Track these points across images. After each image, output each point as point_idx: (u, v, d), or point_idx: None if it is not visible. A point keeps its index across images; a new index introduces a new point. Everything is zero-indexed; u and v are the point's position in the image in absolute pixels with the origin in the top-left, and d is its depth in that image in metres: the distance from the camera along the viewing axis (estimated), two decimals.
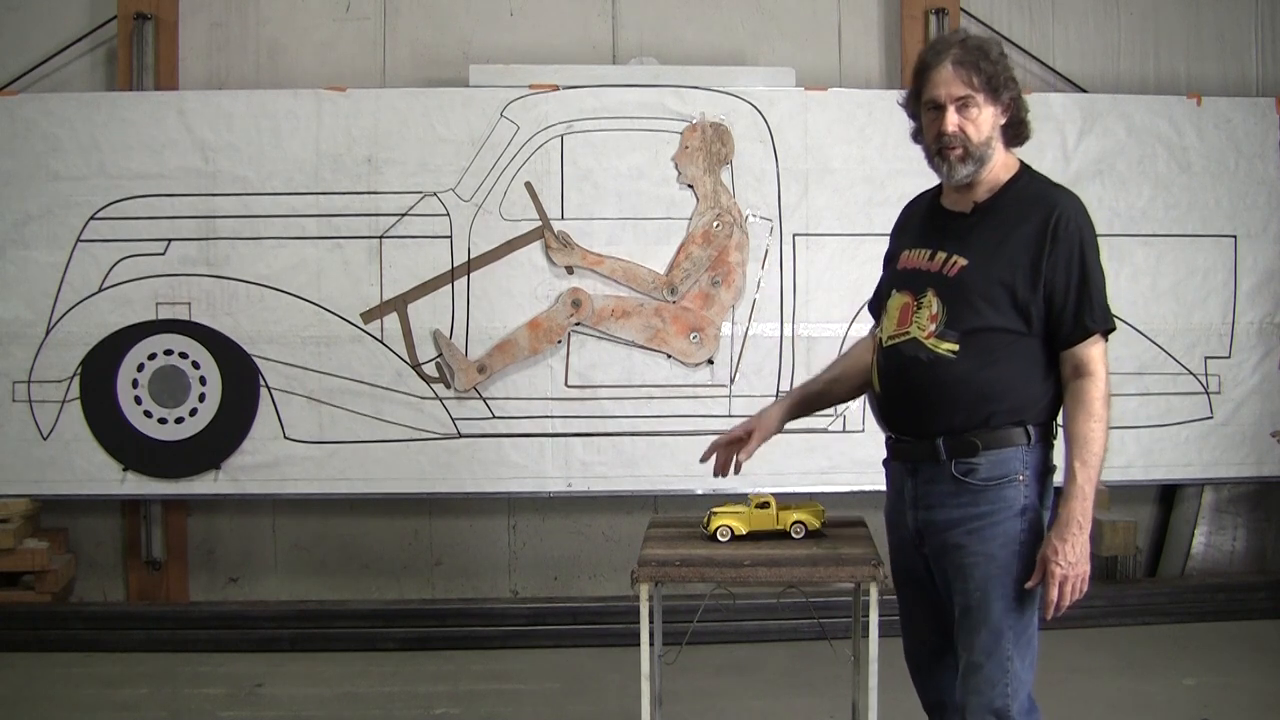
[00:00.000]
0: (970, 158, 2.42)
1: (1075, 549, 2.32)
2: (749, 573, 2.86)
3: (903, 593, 2.66)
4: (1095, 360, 2.38)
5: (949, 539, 2.43)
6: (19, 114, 4.83)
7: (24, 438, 4.85)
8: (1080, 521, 2.33)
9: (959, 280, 2.41)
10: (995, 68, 2.41)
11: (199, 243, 4.86)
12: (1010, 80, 2.44)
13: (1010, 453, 2.40)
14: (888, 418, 2.59)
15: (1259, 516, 5.39)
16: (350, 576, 5.23)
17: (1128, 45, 5.43)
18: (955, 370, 2.40)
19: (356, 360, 4.90)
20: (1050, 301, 2.38)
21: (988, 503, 2.40)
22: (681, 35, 5.28)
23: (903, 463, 2.55)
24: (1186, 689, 4.20)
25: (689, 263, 4.95)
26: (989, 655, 2.39)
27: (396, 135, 4.88)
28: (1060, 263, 2.36)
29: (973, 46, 2.42)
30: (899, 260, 2.59)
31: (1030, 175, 2.51)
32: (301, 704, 4.21)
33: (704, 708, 4.11)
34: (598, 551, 5.29)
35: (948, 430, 2.42)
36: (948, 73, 2.41)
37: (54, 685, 4.36)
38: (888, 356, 2.53)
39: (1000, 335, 2.39)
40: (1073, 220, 2.38)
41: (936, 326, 2.42)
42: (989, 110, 2.42)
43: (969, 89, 2.40)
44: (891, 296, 2.55)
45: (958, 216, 2.50)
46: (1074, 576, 2.33)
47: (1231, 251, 5.11)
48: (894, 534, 2.64)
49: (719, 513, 3.06)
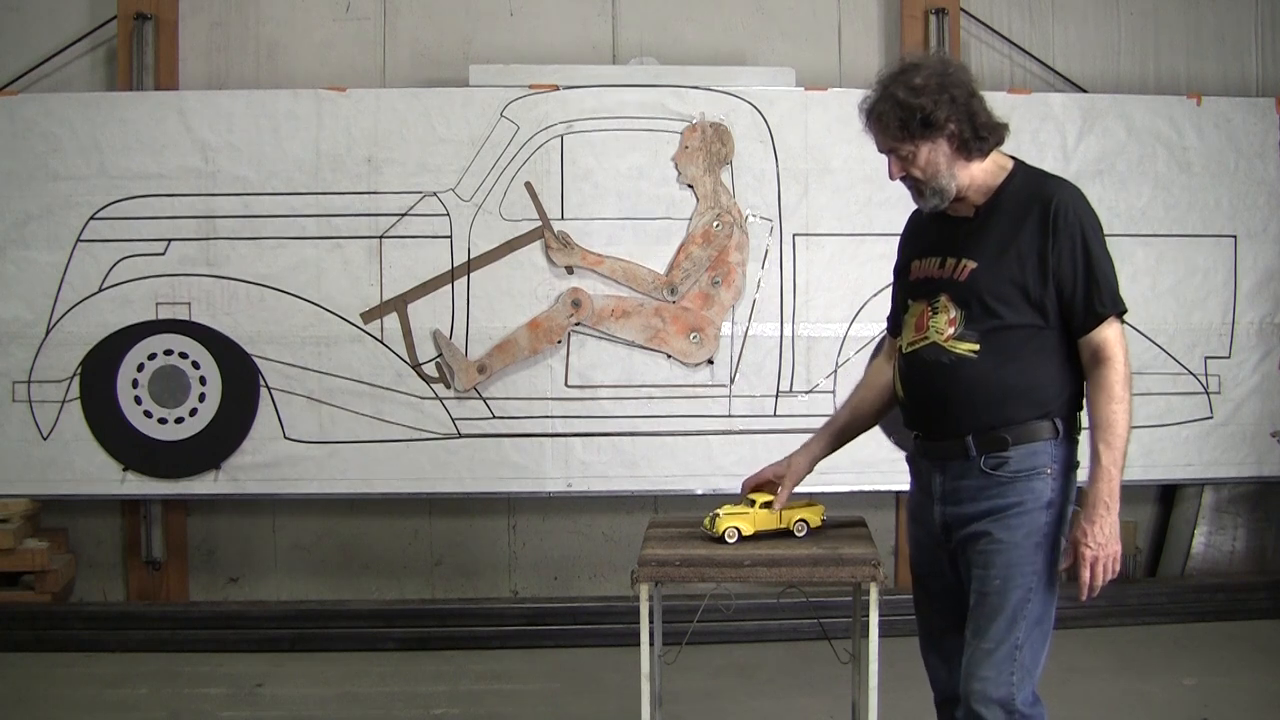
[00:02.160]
0: (929, 190, 2.45)
1: (1105, 529, 2.35)
2: (749, 573, 2.86)
3: (923, 586, 2.68)
4: (1111, 344, 2.39)
5: (976, 527, 2.45)
6: (19, 114, 4.83)
7: (24, 438, 4.84)
8: (1107, 502, 2.35)
9: (970, 283, 2.44)
10: (910, 109, 2.35)
11: (199, 243, 4.86)
12: (942, 104, 2.36)
13: (1039, 446, 2.42)
14: (915, 422, 2.60)
15: (1259, 516, 5.39)
16: (350, 576, 5.23)
17: (1128, 45, 5.43)
18: (977, 369, 2.42)
19: (356, 360, 4.90)
20: (1060, 292, 2.39)
21: (1015, 494, 2.42)
22: (681, 35, 5.28)
23: (931, 460, 2.56)
24: (1186, 689, 4.20)
25: (689, 263, 4.95)
26: (999, 643, 2.40)
27: (396, 135, 4.88)
28: (1064, 253, 2.38)
29: (888, 95, 2.39)
30: (910, 271, 2.61)
31: (1025, 171, 2.51)
32: (301, 704, 4.21)
33: (704, 708, 4.11)
34: (598, 551, 5.29)
35: (976, 428, 2.44)
36: (874, 131, 2.46)
37: (54, 685, 4.35)
38: (909, 363, 2.55)
39: (1018, 331, 2.41)
40: (1070, 209, 2.40)
41: (955, 329, 2.45)
42: (925, 148, 2.41)
43: (892, 141, 2.42)
44: (909, 307, 2.58)
45: (961, 221, 2.52)
46: (1105, 556, 2.35)
47: (1231, 251, 5.11)
48: (917, 528, 2.66)
49: (725, 514, 3.06)
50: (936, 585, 2.63)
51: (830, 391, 4.97)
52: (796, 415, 4.97)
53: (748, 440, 4.97)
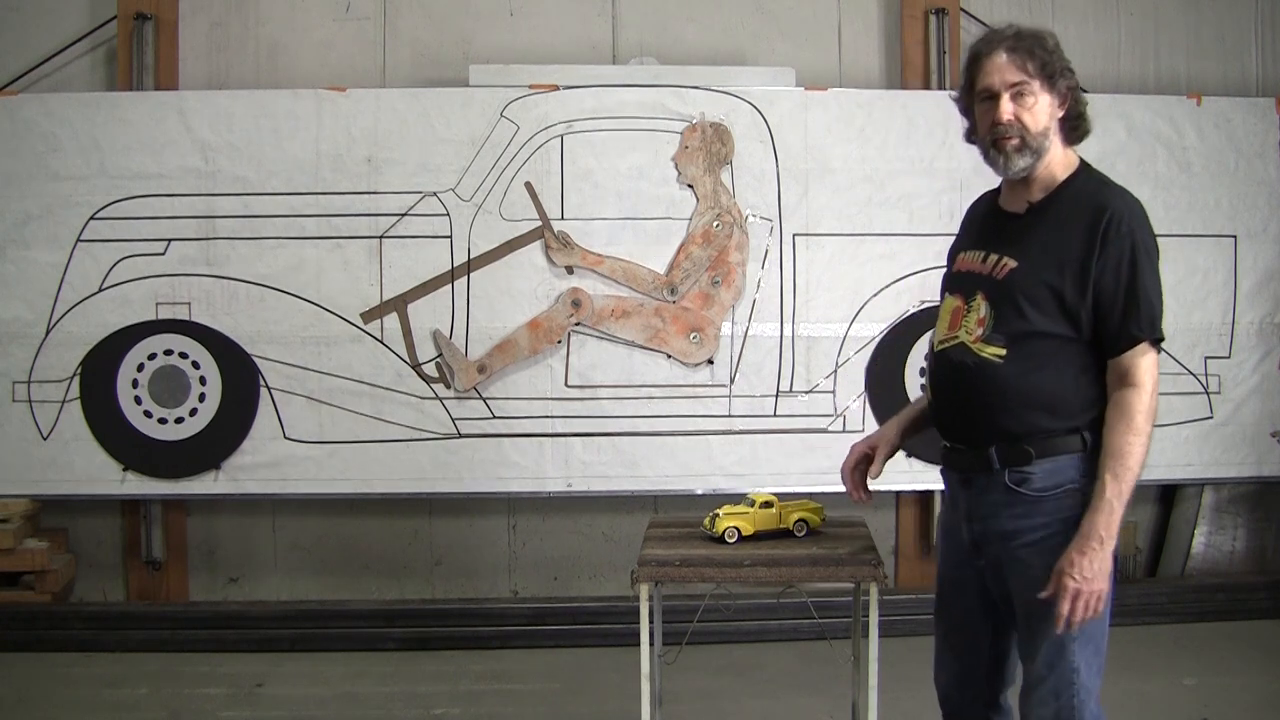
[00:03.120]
0: (1027, 148, 2.33)
1: (1094, 564, 2.23)
2: (749, 573, 2.86)
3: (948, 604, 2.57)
4: (1142, 371, 2.27)
5: (1009, 552, 2.35)
6: (19, 114, 4.83)
7: (24, 438, 4.84)
8: (1102, 536, 2.24)
9: (1006, 283, 2.34)
10: (1051, 55, 2.33)
11: (199, 243, 4.86)
12: (1067, 69, 2.36)
13: (1065, 461, 2.31)
14: (941, 424, 2.52)
15: (1259, 516, 5.39)
16: (350, 576, 5.23)
17: (1128, 45, 5.43)
18: (1001, 375, 2.32)
19: (356, 360, 4.90)
20: (1098, 306, 2.28)
21: (1042, 514, 2.32)
22: (681, 35, 5.28)
23: (957, 473, 2.47)
24: (1186, 689, 4.20)
25: (689, 263, 4.95)
26: (1052, 667, 2.33)
27: (396, 135, 4.88)
28: (1109, 266, 2.26)
29: (1027, 34, 2.35)
30: (955, 262, 2.52)
31: (1088, 174, 2.41)
32: (301, 704, 4.21)
33: (704, 708, 4.11)
34: (598, 551, 5.29)
35: (999, 438, 2.34)
36: (1001, 60, 2.33)
37: (54, 685, 4.35)
38: (938, 362, 2.47)
39: (1047, 340, 2.31)
40: (1125, 222, 2.28)
41: (983, 330, 2.35)
42: (1045, 99, 2.33)
43: (1023, 75, 2.32)
44: (944, 300, 2.50)
45: (1012, 217, 2.42)
46: (1089, 593, 2.23)
47: (1231, 251, 5.11)
48: (947, 542, 2.56)
49: (724, 514, 3.06)
50: (957, 608, 2.53)
51: (830, 392, 4.97)
52: (796, 415, 4.97)
53: (748, 440, 4.97)
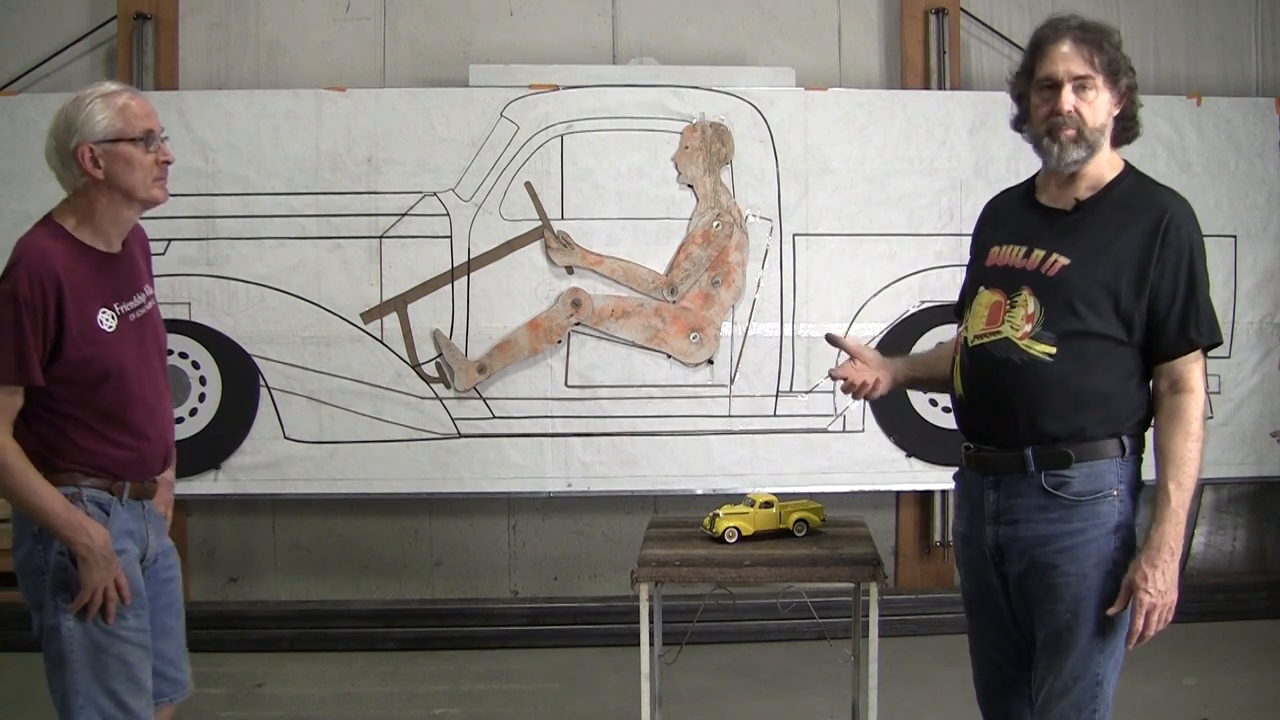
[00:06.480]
0: (1083, 141, 2.30)
1: (1166, 576, 2.20)
2: (749, 573, 2.87)
3: (974, 616, 2.50)
4: (1195, 376, 2.25)
5: (1038, 557, 2.28)
6: (19, 114, 4.82)
7: None
8: (1173, 547, 2.21)
9: (1059, 280, 2.27)
10: (1116, 52, 2.31)
11: (199, 243, 4.86)
12: (1129, 69, 2.33)
13: (1105, 465, 2.26)
14: (971, 424, 2.42)
15: (1259, 516, 5.39)
16: (350, 576, 5.23)
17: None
18: (1052, 374, 2.25)
19: (356, 360, 4.90)
20: (1154, 310, 2.24)
21: (1080, 519, 2.25)
22: (681, 35, 5.28)
23: (984, 475, 2.36)
24: (1186, 689, 4.21)
25: (689, 263, 4.95)
26: (1077, 679, 2.27)
27: (396, 135, 4.88)
28: (1168, 269, 2.23)
29: (1093, 27, 2.31)
30: (987, 257, 2.42)
31: (1136, 175, 2.39)
32: (301, 704, 4.21)
33: (704, 708, 4.11)
34: (598, 551, 5.28)
35: (1038, 439, 2.27)
36: (1067, 49, 2.29)
37: None
38: (974, 357, 2.36)
39: (1098, 341, 2.25)
40: (1184, 225, 2.26)
41: (1033, 327, 2.27)
42: (1105, 95, 2.31)
43: (1089, 69, 2.29)
44: (979, 294, 2.39)
45: (1058, 213, 2.36)
46: (1163, 605, 2.22)
47: (1231, 251, 5.10)
48: (967, 551, 2.46)
49: (724, 514, 3.06)
50: (985, 619, 2.45)
51: (830, 392, 4.96)
52: (796, 415, 4.97)
53: (748, 440, 4.97)
